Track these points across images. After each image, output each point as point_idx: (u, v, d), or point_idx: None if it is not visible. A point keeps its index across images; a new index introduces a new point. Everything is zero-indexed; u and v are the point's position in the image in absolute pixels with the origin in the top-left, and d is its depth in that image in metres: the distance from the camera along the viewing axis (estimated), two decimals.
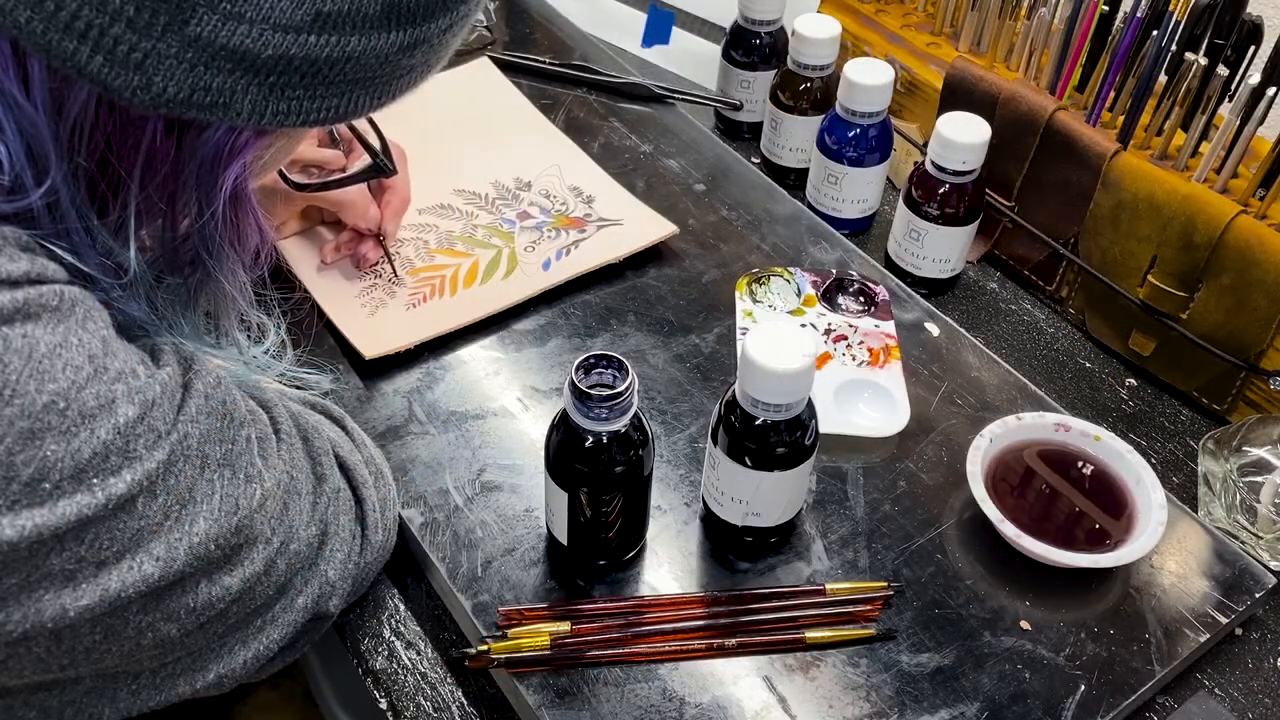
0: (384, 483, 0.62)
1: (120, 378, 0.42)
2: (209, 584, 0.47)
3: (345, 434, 0.61)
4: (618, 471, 0.57)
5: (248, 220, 0.49)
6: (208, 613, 0.47)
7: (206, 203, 0.45)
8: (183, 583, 0.45)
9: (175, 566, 0.44)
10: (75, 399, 0.40)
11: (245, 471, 0.47)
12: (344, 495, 0.57)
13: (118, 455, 0.42)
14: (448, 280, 0.78)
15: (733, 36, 0.96)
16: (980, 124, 0.79)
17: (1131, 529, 0.63)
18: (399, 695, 0.60)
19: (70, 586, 0.42)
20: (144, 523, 0.43)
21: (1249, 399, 0.75)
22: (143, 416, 0.43)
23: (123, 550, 0.43)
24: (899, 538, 0.64)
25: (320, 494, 0.54)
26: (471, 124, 0.93)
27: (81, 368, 0.41)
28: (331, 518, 0.55)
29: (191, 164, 0.44)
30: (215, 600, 0.47)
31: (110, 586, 0.42)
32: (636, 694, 0.57)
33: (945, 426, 0.71)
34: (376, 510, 0.59)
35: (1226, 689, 0.61)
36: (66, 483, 0.40)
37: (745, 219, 0.86)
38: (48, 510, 0.40)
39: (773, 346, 0.56)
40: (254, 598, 0.50)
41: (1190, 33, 0.74)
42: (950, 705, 0.57)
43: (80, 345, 0.41)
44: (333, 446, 0.58)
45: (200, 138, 0.43)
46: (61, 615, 0.42)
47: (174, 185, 0.45)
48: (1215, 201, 0.72)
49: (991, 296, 0.86)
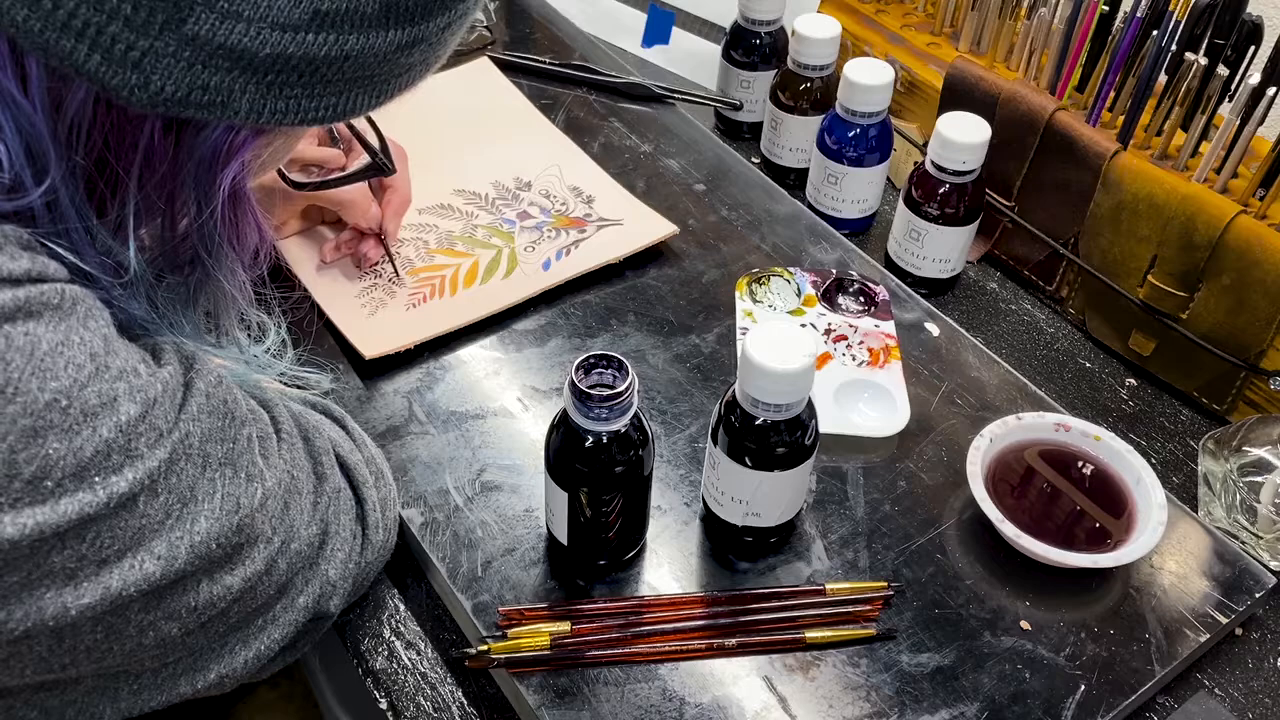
0: (384, 483, 0.62)
1: (122, 376, 0.42)
2: (210, 583, 0.47)
3: (346, 434, 0.61)
4: (618, 471, 0.57)
5: (246, 219, 0.49)
6: (209, 612, 0.47)
7: (205, 202, 0.45)
8: (184, 581, 0.45)
9: (177, 565, 0.44)
10: (78, 397, 0.40)
11: (246, 470, 0.47)
12: (345, 495, 0.57)
13: (120, 453, 0.42)
14: (448, 280, 0.78)
15: (733, 36, 0.96)
16: (980, 124, 0.79)
17: (1131, 529, 0.63)
18: (399, 695, 0.60)
19: (72, 585, 0.42)
20: (145, 521, 0.43)
21: (1249, 399, 0.75)
22: (145, 415, 0.43)
23: (124, 548, 0.43)
24: (899, 538, 0.64)
25: (321, 493, 0.54)
26: (471, 124, 0.93)
27: (84, 366, 0.41)
28: (332, 517, 0.55)
29: (190, 163, 0.44)
30: (216, 599, 0.47)
31: (112, 585, 0.42)
32: (636, 694, 0.57)
33: (945, 426, 0.71)
34: (377, 510, 0.59)
35: (1226, 689, 0.61)
36: (69, 481, 0.40)
37: (745, 219, 0.86)
38: (49, 508, 0.40)
39: (773, 346, 0.56)
40: (255, 597, 0.50)
41: (1190, 33, 0.74)
42: (950, 705, 0.57)
43: (82, 343, 0.41)
44: (333, 446, 0.58)
45: (199, 136, 0.43)
46: (63, 613, 0.42)
47: (173, 184, 0.45)
48: (1215, 201, 0.72)
49: (991, 296, 0.86)
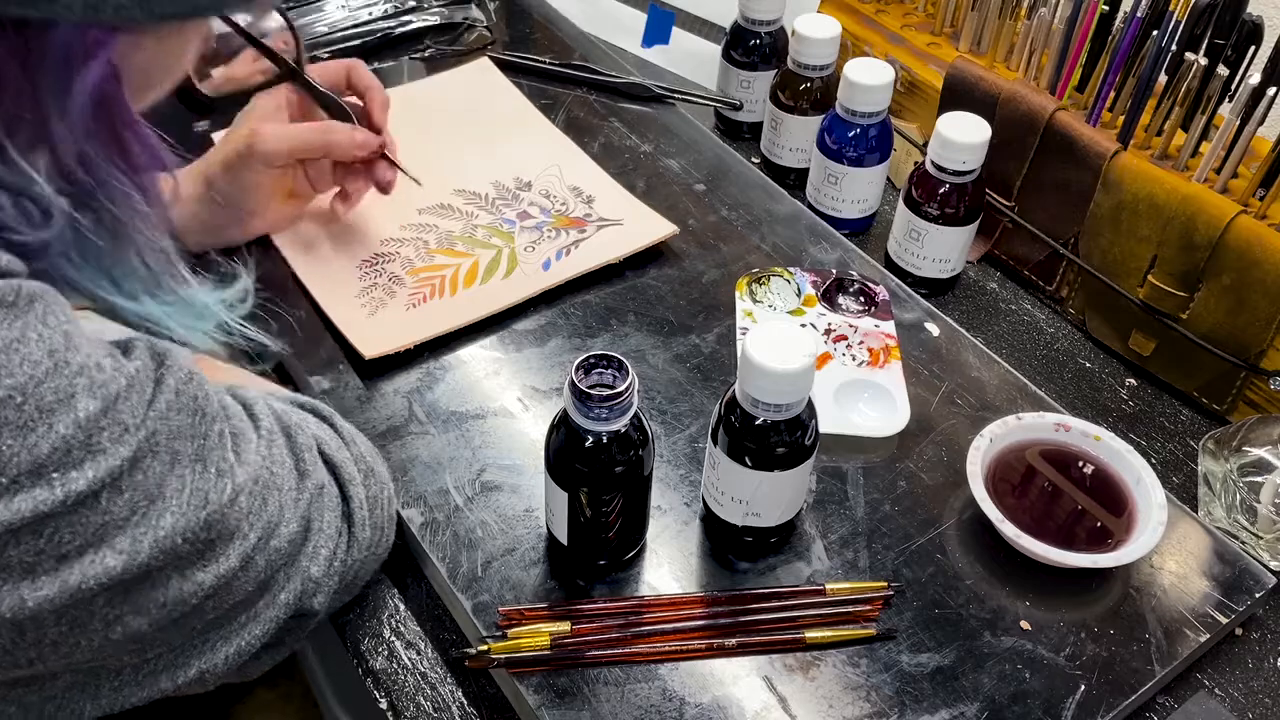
0: (375, 480, 0.61)
1: (82, 371, 0.42)
2: (180, 579, 0.46)
3: (334, 431, 0.60)
4: (618, 471, 0.57)
5: (129, 138, 0.46)
6: (180, 608, 0.47)
7: (66, 112, 0.43)
8: (151, 577, 0.45)
9: (140, 559, 0.44)
10: (33, 394, 0.40)
11: (217, 466, 0.47)
12: (329, 492, 0.56)
13: (79, 449, 0.41)
14: (448, 280, 0.78)
15: (733, 36, 0.96)
16: (980, 124, 0.79)
17: (1131, 529, 0.63)
18: (399, 695, 0.60)
19: (29, 579, 0.41)
20: (108, 518, 0.42)
21: (1249, 399, 0.75)
22: (106, 410, 0.42)
23: (86, 544, 0.42)
24: (899, 538, 0.64)
25: (303, 490, 0.54)
26: (471, 124, 0.93)
27: (40, 363, 0.40)
28: (315, 514, 0.54)
29: (43, 71, 0.42)
30: (188, 595, 0.47)
31: (70, 579, 0.42)
32: (636, 694, 0.57)
33: (945, 426, 0.71)
34: (364, 507, 0.58)
35: (1226, 689, 0.61)
36: (24, 478, 0.40)
37: (745, 219, 0.86)
38: (3, 505, 0.39)
39: (773, 346, 0.56)
40: (232, 593, 0.49)
41: (1190, 33, 0.74)
42: (950, 705, 0.57)
43: (40, 340, 0.40)
44: (318, 443, 0.57)
45: (46, 39, 0.41)
46: (20, 606, 0.41)
47: (32, 96, 0.42)
48: (1215, 201, 0.72)
49: (991, 296, 0.86)
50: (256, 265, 0.60)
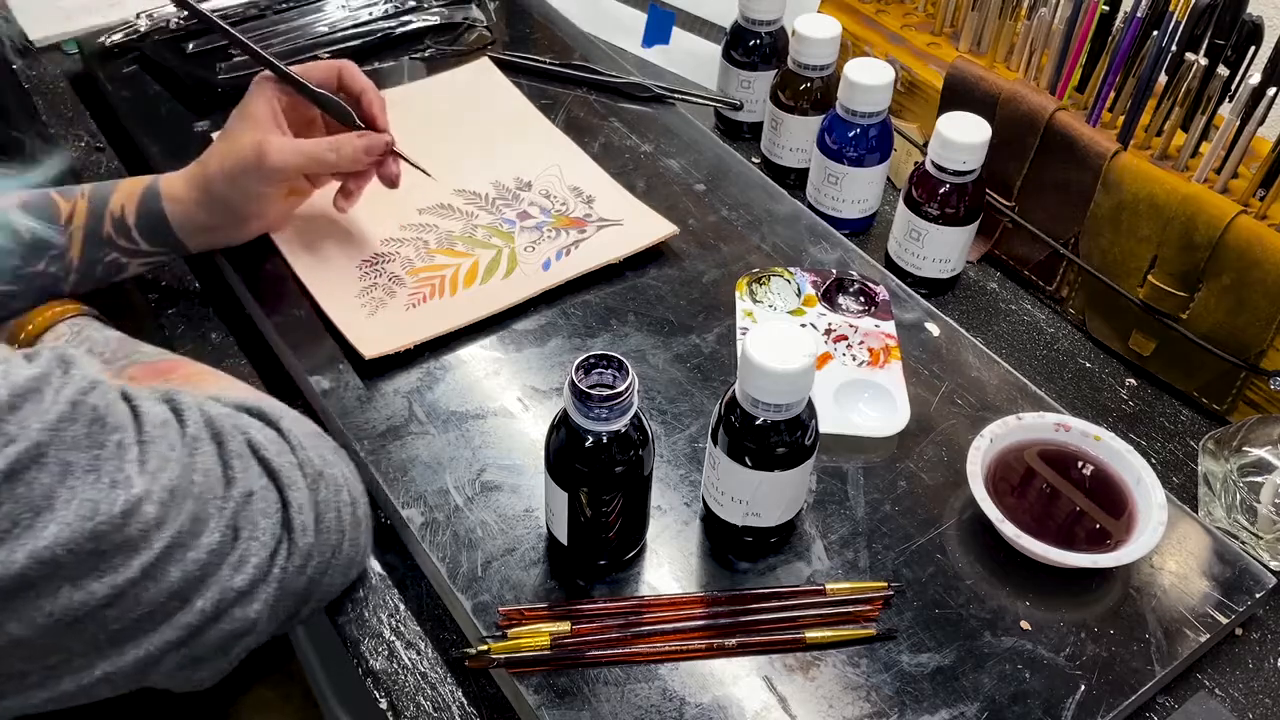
0: (327, 484, 0.58)
1: None
2: (72, 588, 0.45)
3: (279, 435, 0.58)
4: (618, 471, 0.57)
5: None
6: (69, 617, 0.46)
7: None
8: (35, 586, 0.44)
9: (14, 570, 0.43)
10: None
11: (112, 478, 0.46)
12: (263, 498, 0.54)
13: None
14: (448, 280, 0.78)
15: (733, 36, 0.96)
16: (980, 124, 0.79)
17: (1131, 529, 0.63)
18: (399, 695, 0.60)
19: None
20: None
21: (1249, 399, 0.75)
22: None
23: None
24: (899, 538, 0.64)
25: (228, 498, 0.52)
26: (472, 124, 0.93)
27: None
28: (244, 522, 0.53)
29: None
30: (77, 605, 0.46)
31: None
32: (636, 694, 0.57)
33: (945, 426, 0.71)
34: (304, 513, 0.56)
35: (1226, 689, 0.61)
36: None
37: (745, 219, 0.86)
38: None
39: (773, 346, 0.56)
40: (139, 603, 0.48)
41: (1190, 33, 0.74)
42: (950, 705, 0.57)
43: None
44: (255, 449, 0.55)
45: None
46: None
47: None
48: (1215, 201, 0.72)
49: (991, 296, 0.86)
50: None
